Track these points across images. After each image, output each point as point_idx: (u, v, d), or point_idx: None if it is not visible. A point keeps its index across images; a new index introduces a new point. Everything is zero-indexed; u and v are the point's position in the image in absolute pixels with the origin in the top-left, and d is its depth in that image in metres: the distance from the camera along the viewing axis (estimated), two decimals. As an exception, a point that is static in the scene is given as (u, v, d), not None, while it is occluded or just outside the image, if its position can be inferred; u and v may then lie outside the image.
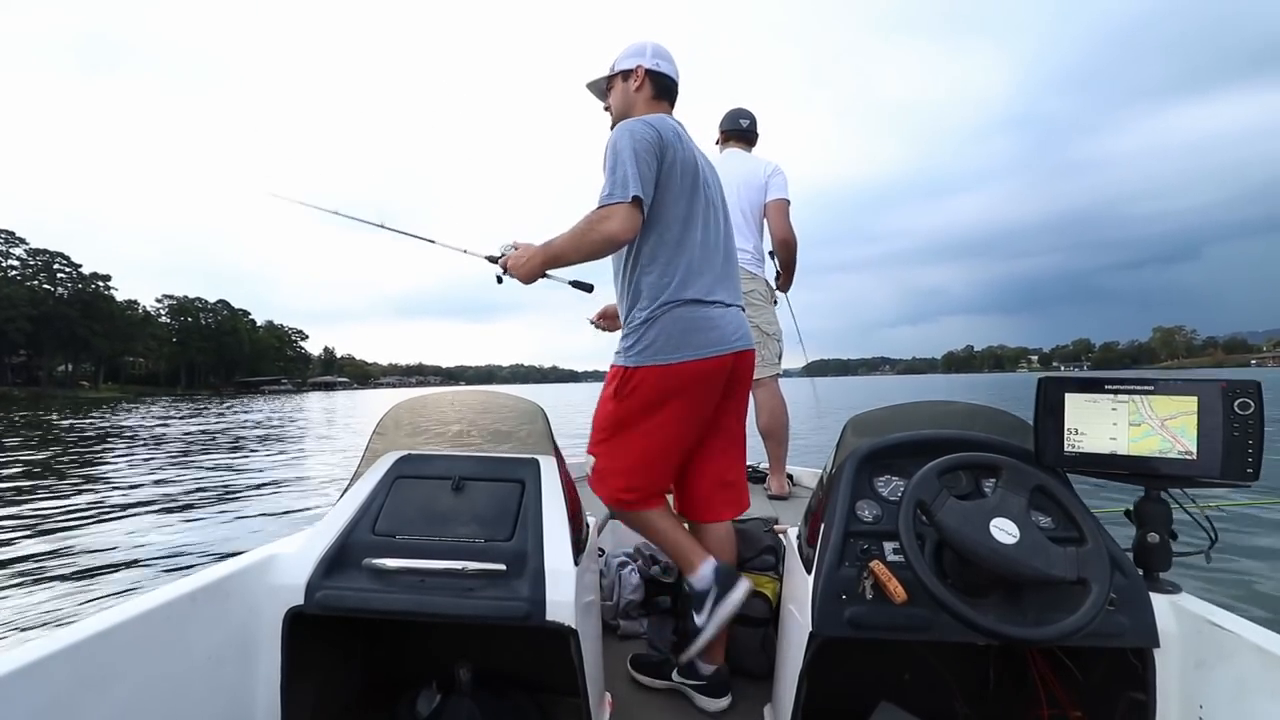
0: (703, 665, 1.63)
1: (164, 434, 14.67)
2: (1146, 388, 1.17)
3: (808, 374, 4.19)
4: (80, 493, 6.64)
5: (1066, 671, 1.28)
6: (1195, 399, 1.13)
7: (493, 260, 1.75)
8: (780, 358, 3.06)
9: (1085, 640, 1.00)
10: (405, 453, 1.45)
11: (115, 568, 4.08)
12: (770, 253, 3.08)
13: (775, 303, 3.10)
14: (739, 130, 3.15)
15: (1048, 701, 1.27)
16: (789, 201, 2.98)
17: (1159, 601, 1.11)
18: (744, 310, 1.67)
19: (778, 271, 3.11)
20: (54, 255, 79.94)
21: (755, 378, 2.98)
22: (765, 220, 3.02)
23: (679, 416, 1.54)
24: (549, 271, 1.65)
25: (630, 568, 2.09)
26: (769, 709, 1.51)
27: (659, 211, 1.52)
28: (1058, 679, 1.29)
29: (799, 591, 1.27)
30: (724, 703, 1.60)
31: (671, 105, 1.75)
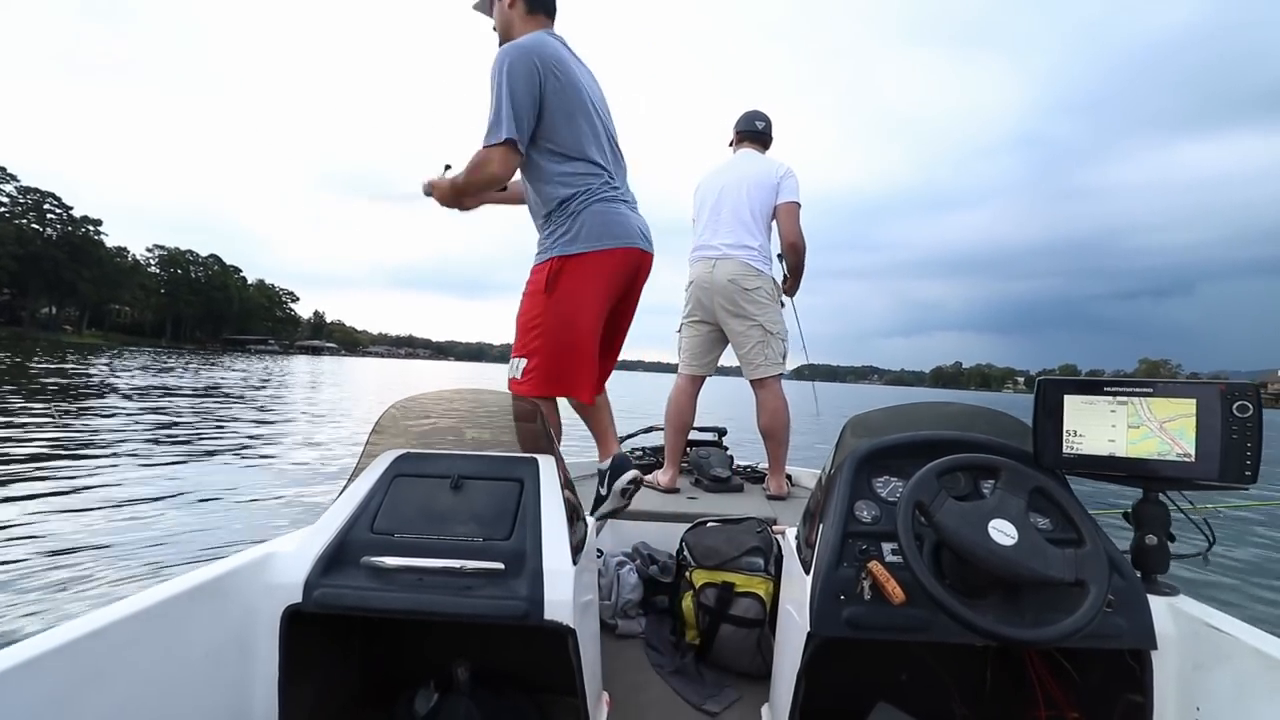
0: (601, 463, 1.84)
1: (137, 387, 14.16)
2: (1145, 390, 1.17)
3: (797, 378, 4.19)
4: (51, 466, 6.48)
5: (1064, 673, 1.29)
6: (1194, 401, 1.13)
7: (427, 194, 1.89)
8: (785, 358, 3.03)
9: (1083, 642, 1.00)
10: (404, 451, 1.45)
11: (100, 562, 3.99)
12: (778, 255, 3.08)
13: (781, 304, 3.08)
14: (754, 132, 3.16)
15: (1045, 703, 1.27)
16: (800, 205, 2.98)
17: (1157, 603, 1.11)
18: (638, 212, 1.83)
19: (785, 275, 3.10)
20: (45, 195, 77.74)
21: (759, 376, 2.98)
22: (775, 221, 3.02)
23: (597, 304, 1.73)
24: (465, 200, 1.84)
25: (628, 567, 2.08)
26: (766, 709, 1.51)
27: (550, 130, 1.65)
28: (1055, 680, 1.29)
29: (797, 592, 1.27)
30: (633, 473, 1.77)
31: (551, 18, 1.79)
